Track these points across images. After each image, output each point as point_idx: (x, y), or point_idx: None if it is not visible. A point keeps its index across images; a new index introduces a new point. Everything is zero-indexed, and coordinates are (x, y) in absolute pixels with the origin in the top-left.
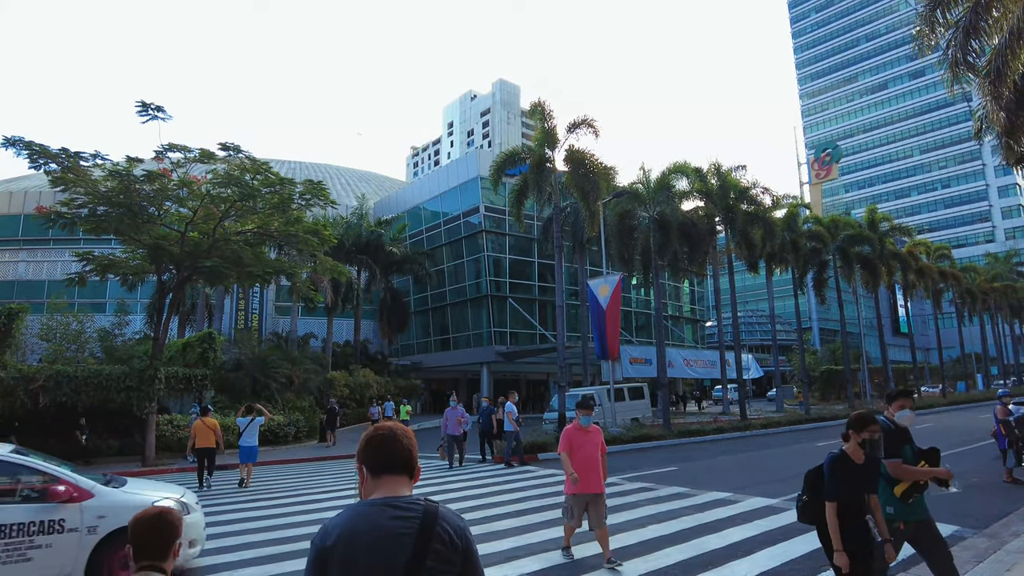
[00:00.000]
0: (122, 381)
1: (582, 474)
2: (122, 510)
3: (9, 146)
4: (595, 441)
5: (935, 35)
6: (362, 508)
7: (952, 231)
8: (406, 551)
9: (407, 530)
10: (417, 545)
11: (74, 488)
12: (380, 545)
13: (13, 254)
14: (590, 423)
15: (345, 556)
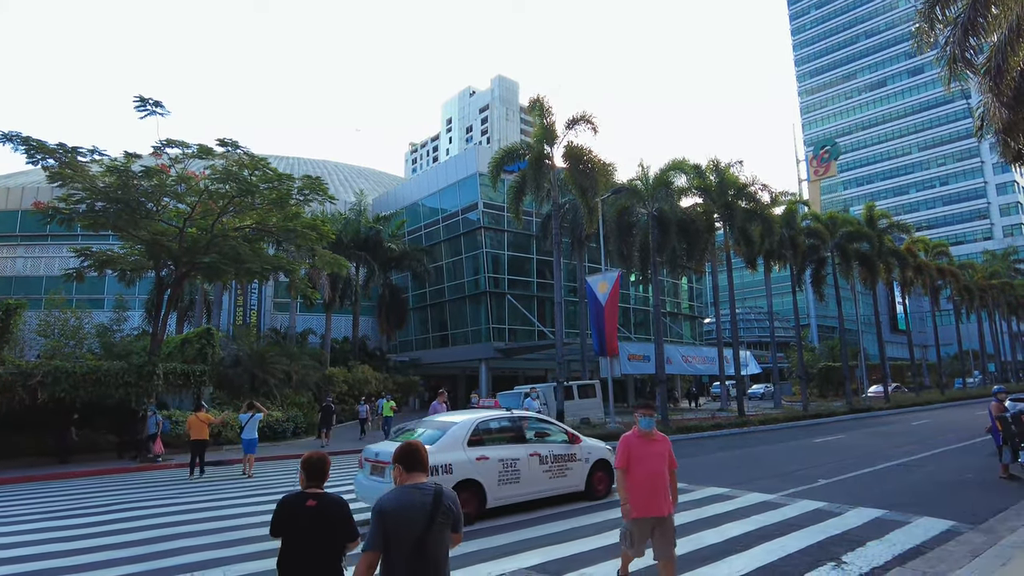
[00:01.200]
0: (120, 377)
1: (645, 495)
2: (596, 449)
3: (6, 141)
4: (661, 452)
5: (934, 32)
6: (402, 489)
7: (950, 228)
8: (427, 511)
9: (427, 500)
10: (432, 508)
11: (577, 437)
12: (412, 509)
13: (11, 250)
14: (653, 427)
15: (394, 515)
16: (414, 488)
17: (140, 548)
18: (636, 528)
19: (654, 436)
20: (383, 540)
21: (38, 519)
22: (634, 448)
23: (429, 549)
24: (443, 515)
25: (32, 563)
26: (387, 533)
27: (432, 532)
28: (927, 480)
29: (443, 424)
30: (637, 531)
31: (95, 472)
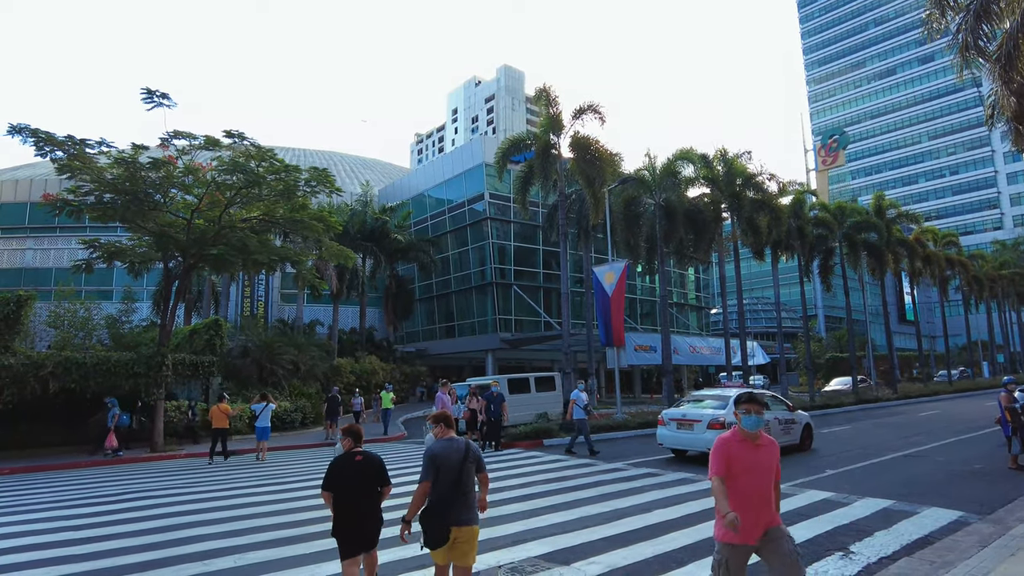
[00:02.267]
0: (130, 368)
1: (749, 517)
2: (803, 417)
3: (15, 133)
4: (768, 464)
5: (945, 19)
6: (445, 440)
7: (960, 218)
8: (461, 454)
9: (461, 448)
10: (464, 453)
11: (793, 408)
12: (452, 453)
13: (20, 242)
14: (760, 429)
15: (442, 457)
16: (450, 440)
17: (153, 536)
18: (732, 556)
19: (761, 441)
20: (435, 473)
21: (52, 507)
22: (736, 456)
23: (463, 479)
24: (471, 458)
25: (47, 551)
26: (437, 468)
27: (464, 468)
28: (935, 470)
29: (723, 396)
30: (734, 560)
31: (108, 463)
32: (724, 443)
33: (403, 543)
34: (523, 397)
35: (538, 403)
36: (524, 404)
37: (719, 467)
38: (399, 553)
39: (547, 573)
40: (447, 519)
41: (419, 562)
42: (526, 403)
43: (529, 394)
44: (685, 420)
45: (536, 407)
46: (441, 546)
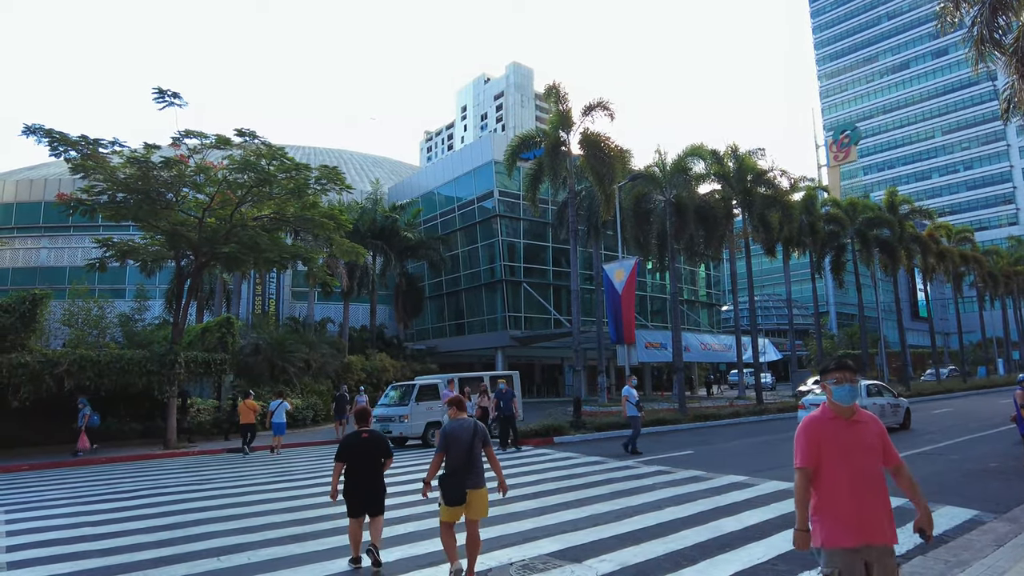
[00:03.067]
0: (143, 365)
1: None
2: (904, 402)
3: (30, 134)
4: (871, 441)
5: (959, 12)
6: (456, 420)
7: (974, 213)
8: (470, 432)
9: (469, 426)
10: (472, 430)
11: (896, 394)
12: (462, 430)
13: (35, 241)
14: (855, 401)
15: (453, 433)
16: (462, 420)
17: (168, 532)
18: (843, 564)
19: (857, 416)
20: (447, 446)
21: (69, 503)
22: (829, 437)
23: (473, 452)
24: (478, 435)
25: (64, 546)
26: (448, 443)
27: (473, 443)
28: (949, 469)
29: None
30: (848, 566)
31: (121, 459)
32: (811, 424)
33: (425, 497)
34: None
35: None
36: (420, 415)
37: (807, 455)
38: (409, 551)
39: (558, 570)
40: (463, 484)
41: (430, 560)
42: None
43: (429, 401)
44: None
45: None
46: (459, 504)
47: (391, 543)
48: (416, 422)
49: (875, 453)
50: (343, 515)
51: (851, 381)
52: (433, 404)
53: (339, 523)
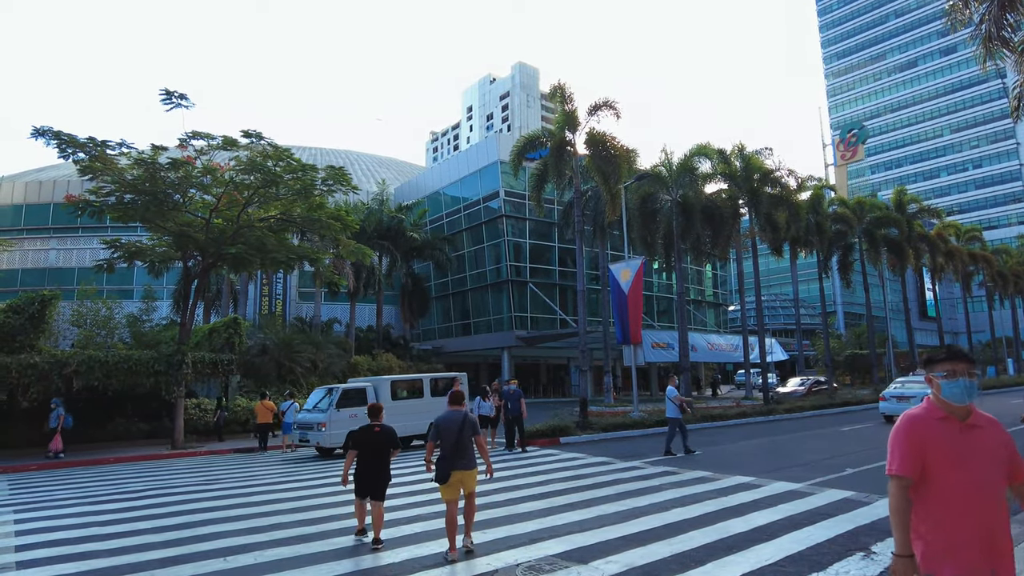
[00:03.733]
0: (151, 366)
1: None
2: None
3: (39, 136)
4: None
5: (968, 9)
6: (448, 412)
7: (983, 212)
8: (459, 423)
9: (460, 419)
10: (462, 422)
11: None
12: (452, 422)
13: (44, 242)
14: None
15: (444, 424)
16: (454, 412)
17: (175, 532)
18: None
19: (973, 419)
20: (437, 435)
21: (77, 503)
22: (937, 439)
23: (462, 439)
24: (468, 426)
25: (72, 546)
26: (440, 433)
27: (463, 433)
28: None
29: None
30: None
31: (130, 458)
32: (914, 423)
33: (429, 471)
34: (413, 404)
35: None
36: (416, 412)
37: (907, 460)
38: (416, 551)
39: (564, 572)
40: (451, 465)
41: (436, 560)
42: (419, 411)
43: (422, 399)
44: (903, 396)
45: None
46: (445, 482)
47: (399, 543)
48: (336, 431)
49: (998, 464)
50: (350, 516)
51: (967, 375)
52: (360, 411)
53: (346, 524)
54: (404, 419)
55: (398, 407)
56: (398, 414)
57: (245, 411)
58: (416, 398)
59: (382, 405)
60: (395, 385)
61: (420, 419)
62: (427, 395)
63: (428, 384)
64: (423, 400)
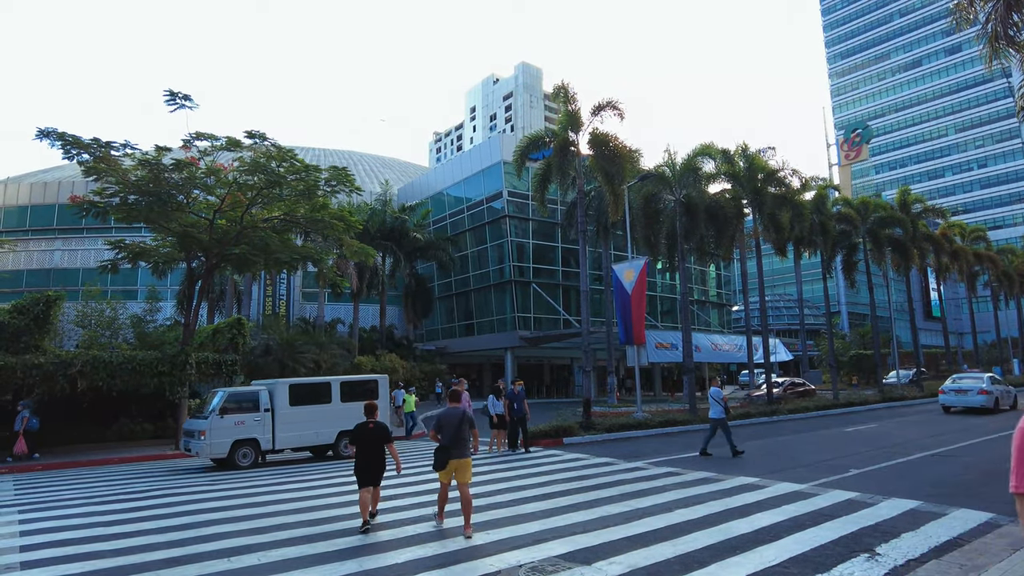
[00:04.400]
0: (155, 366)
1: None
2: (1012, 390)
3: (44, 137)
4: None
5: (974, 8)
6: (448, 408)
7: (988, 212)
8: (459, 418)
9: (459, 414)
10: (460, 417)
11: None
12: (452, 417)
13: (49, 243)
14: None
15: (445, 419)
16: (453, 408)
17: (180, 533)
18: None
19: None
20: (439, 428)
21: (82, 503)
22: None
23: (460, 433)
24: (465, 421)
25: (77, 546)
26: (442, 426)
27: (461, 426)
28: (964, 470)
29: (977, 376)
30: None
31: (135, 459)
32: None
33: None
34: (319, 411)
35: (346, 417)
36: (322, 420)
37: None
38: (418, 552)
39: (568, 573)
40: (449, 455)
41: (438, 561)
42: (326, 418)
43: (329, 405)
44: (960, 389)
45: (342, 422)
46: (442, 469)
47: (401, 544)
48: (217, 440)
49: None
50: (354, 516)
51: None
52: (249, 418)
53: (350, 524)
54: (304, 428)
55: (299, 414)
56: (298, 422)
57: None
58: (322, 403)
59: (376, 404)
60: (296, 389)
61: (327, 427)
62: (336, 401)
63: (337, 388)
64: (331, 406)
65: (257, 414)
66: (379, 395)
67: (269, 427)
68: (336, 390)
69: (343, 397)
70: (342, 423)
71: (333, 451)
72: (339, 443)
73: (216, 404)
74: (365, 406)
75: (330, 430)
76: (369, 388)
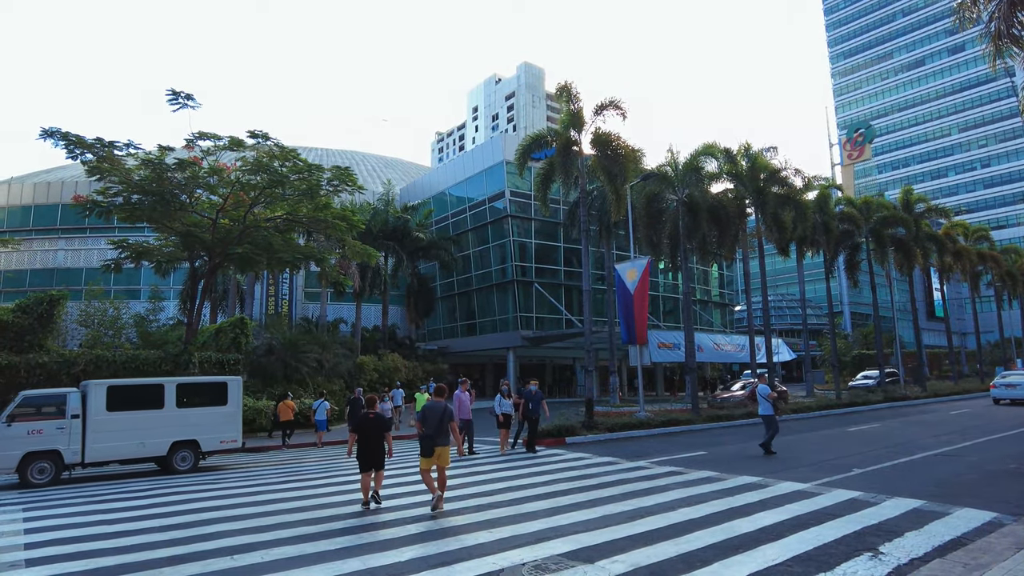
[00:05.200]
0: (158, 365)
1: None
2: None
3: (47, 137)
4: None
5: (977, 7)
6: (431, 403)
7: (991, 212)
8: (441, 410)
9: (441, 407)
10: (443, 410)
11: None
12: (435, 410)
13: (52, 243)
14: None
15: (429, 411)
16: (437, 402)
17: (182, 531)
18: None
19: None
20: (424, 418)
21: (85, 502)
22: None
23: (443, 423)
24: (447, 413)
25: (80, 544)
26: (426, 418)
27: (443, 418)
28: (968, 470)
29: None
30: None
31: None
32: None
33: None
34: (146, 417)
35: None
36: (150, 428)
37: None
38: (420, 550)
39: (571, 571)
40: (434, 443)
41: (441, 559)
42: (156, 426)
43: (161, 411)
44: (1011, 384)
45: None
46: (429, 455)
47: (404, 542)
48: (5, 452)
49: None
50: (356, 515)
51: None
52: (50, 425)
53: (350, 523)
54: (125, 438)
55: (119, 422)
56: (117, 431)
57: (251, 411)
58: (151, 409)
59: (376, 397)
60: (116, 392)
61: (157, 436)
62: (170, 406)
63: (173, 392)
64: (162, 412)
65: (62, 421)
66: (228, 401)
67: (78, 436)
68: (171, 394)
69: (180, 402)
70: (178, 432)
71: (165, 464)
72: (174, 456)
73: (8, 409)
74: (366, 399)
75: (161, 440)
76: (214, 392)
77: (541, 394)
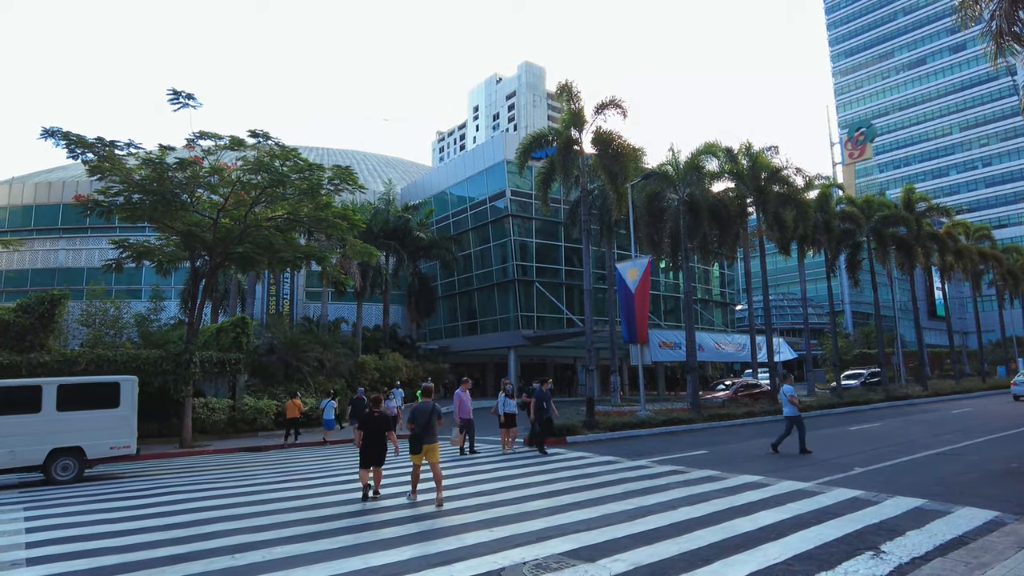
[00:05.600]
0: (159, 365)
1: None
2: None
3: (48, 137)
4: None
5: (979, 5)
6: (420, 403)
7: (993, 211)
8: (429, 410)
9: (430, 408)
10: (431, 409)
11: None
12: (424, 410)
13: (53, 242)
14: None
15: (419, 411)
16: (424, 403)
17: (183, 530)
18: None
19: None
20: (414, 418)
21: (87, 501)
22: None
23: (431, 422)
24: (434, 413)
25: (82, 543)
26: (416, 417)
27: (431, 417)
28: (969, 469)
29: None
30: None
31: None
32: None
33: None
34: (14, 422)
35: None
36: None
37: None
38: (421, 550)
39: (572, 570)
40: (423, 440)
41: (442, 558)
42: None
43: (36, 415)
44: None
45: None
46: (417, 453)
47: (405, 541)
48: None
49: None
50: (357, 514)
51: None
52: None
53: (351, 522)
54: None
55: None
56: None
57: (253, 410)
58: (24, 413)
59: (381, 396)
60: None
61: (31, 444)
62: (48, 409)
63: (53, 394)
64: (38, 417)
65: None
66: (121, 403)
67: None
68: (50, 396)
69: (62, 405)
70: (59, 438)
71: (44, 474)
72: (52, 465)
73: None
74: (372, 399)
75: (36, 448)
76: (105, 394)
77: (547, 393)
